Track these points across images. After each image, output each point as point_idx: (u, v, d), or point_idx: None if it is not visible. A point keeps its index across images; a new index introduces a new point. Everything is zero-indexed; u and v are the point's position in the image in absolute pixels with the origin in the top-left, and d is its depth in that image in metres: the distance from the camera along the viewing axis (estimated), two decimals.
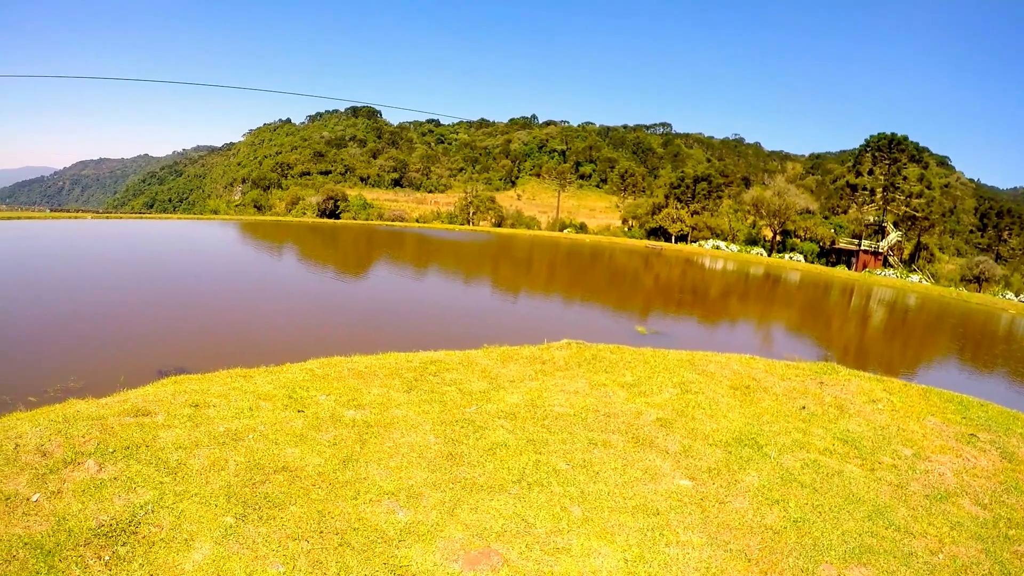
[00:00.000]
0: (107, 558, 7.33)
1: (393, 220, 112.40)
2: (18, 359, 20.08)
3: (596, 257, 69.83)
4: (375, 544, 7.53)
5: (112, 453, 9.60)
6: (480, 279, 46.42)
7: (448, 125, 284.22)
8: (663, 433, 11.27)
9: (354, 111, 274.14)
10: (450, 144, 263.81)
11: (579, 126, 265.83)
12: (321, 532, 7.65)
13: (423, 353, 15.23)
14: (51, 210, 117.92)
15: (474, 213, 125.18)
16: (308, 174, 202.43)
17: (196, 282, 35.81)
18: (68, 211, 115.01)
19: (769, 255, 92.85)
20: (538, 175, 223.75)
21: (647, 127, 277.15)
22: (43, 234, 58.47)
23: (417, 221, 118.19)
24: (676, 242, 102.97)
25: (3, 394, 16.04)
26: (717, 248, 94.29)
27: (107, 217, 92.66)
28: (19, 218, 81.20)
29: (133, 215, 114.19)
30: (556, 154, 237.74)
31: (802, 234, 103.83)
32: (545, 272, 55.06)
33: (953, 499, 10.03)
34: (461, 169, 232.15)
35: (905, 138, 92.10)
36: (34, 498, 8.58)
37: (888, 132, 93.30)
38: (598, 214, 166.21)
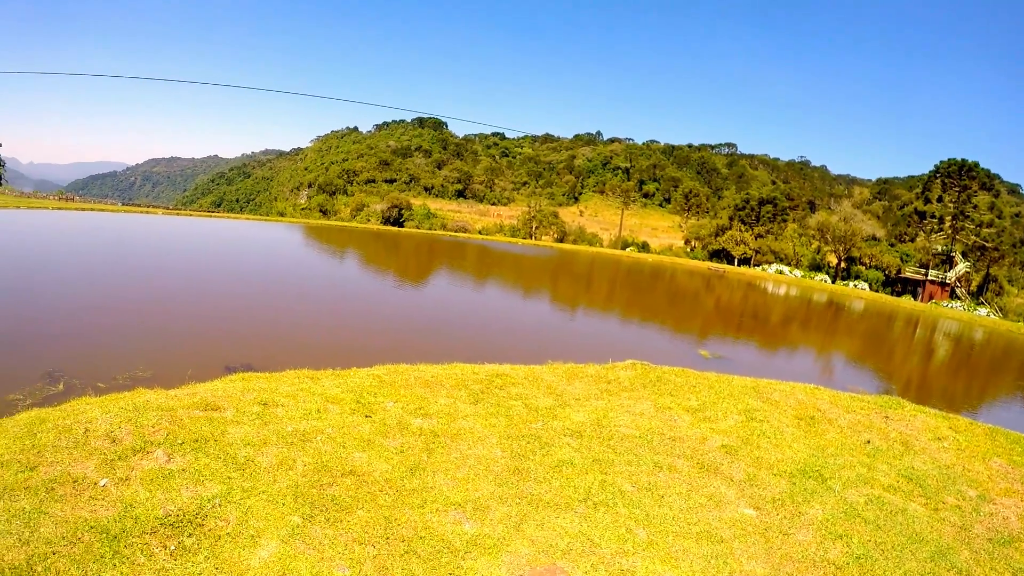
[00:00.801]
0: (172, 548, 7.38)
1: (457, 231, 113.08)
2: (88, 345, 20.62)
3: (657, 277, 69.30)
4: (441, 554, 7.47)
5: (181, 445, 9.75)
6: (541, 293, 46.32)
7: (513, 139, 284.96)
8: (728, 460, 11.09)
9: (420, 122, 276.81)
10: (514, 158, 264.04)
11: (643, 144, 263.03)
12: (387, 538, 7.63)
13: (489, 366, 15.24)
14: (123, 204, 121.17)
15: (537, 227, 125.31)
16: (373, 182, 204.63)
17: (263, 282, 36.46)
18: (139, 206, 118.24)
19: (833, 282, 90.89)
20: (601, 192, 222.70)
21: (712, 147, 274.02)
22: (118, 226, 60.29)
23: (480, 233, 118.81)
24: (739, 265, 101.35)
25: (73, 378, 16.49)
26: (780, 273, 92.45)
27: (177, 214, 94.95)
28: (92, 210, 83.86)
29: (203, 213, 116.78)
30: (620, 171, 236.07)
31: (867, 261, 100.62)
32: (605, 289, 54.77)
33: (1017, 544, 9.65)
34: (524, 183, 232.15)
35: (976, 164, 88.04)
36: (102, 483, 8.74)
37: (959, 158, 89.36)
38: (660, 233, 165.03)
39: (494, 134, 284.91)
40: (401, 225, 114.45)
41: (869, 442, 13.07)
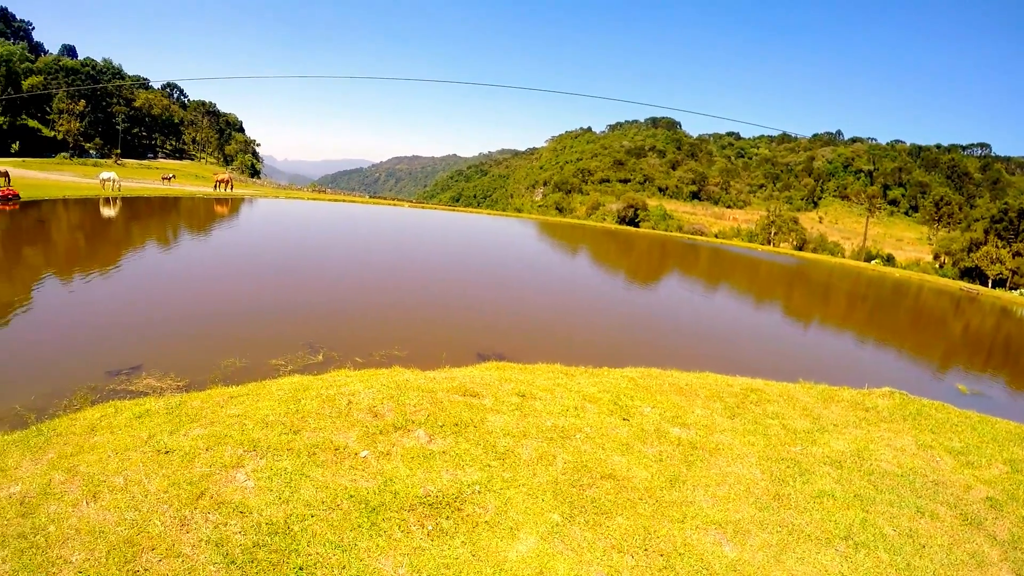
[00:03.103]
0: (430, 528, 7.61)
1: (693, 233, 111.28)
2: (346, 321, 22.21)
3: (901, 294, 64.46)
4: (700, 574, 7.27)
5: (441, 427, 10.11)
6: (780, 303, 44.71)
7: (748, 139, 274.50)
8: (992, 515, 10.11)
9: (653, 121, 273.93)
10: (750, 159, 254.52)
11: (887, 144, 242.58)
12: (646, 550, 7.51)
13: (742, 379, 14.84)
14: (370, 196, 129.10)
15: (775, 233, 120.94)
16: (607, 181, 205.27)
17: (506, 273, 37.95)
18: (385, 198, 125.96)
19: None
20: (842, 197, 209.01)
21: (963, 147, 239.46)
22: (371, 216, 64.63)
23: (716, 236, 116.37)
24: (993, 287, 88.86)
25: (332, 350, 17.76)
26: None
27: (422, 207, 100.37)
28: (344, 200, 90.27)
29: (445, 207, 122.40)
30: (862, 175, 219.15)
31: None
32: (844, 304, 51.94)
33: None
34: (761, 186, 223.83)
35: None
36: (363, 454, 9.25)
37: None
38: (905, 245, 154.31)
39: (729, 134, 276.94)
40: (636, 225, 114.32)
41: None
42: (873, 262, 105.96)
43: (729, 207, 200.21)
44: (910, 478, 10.79)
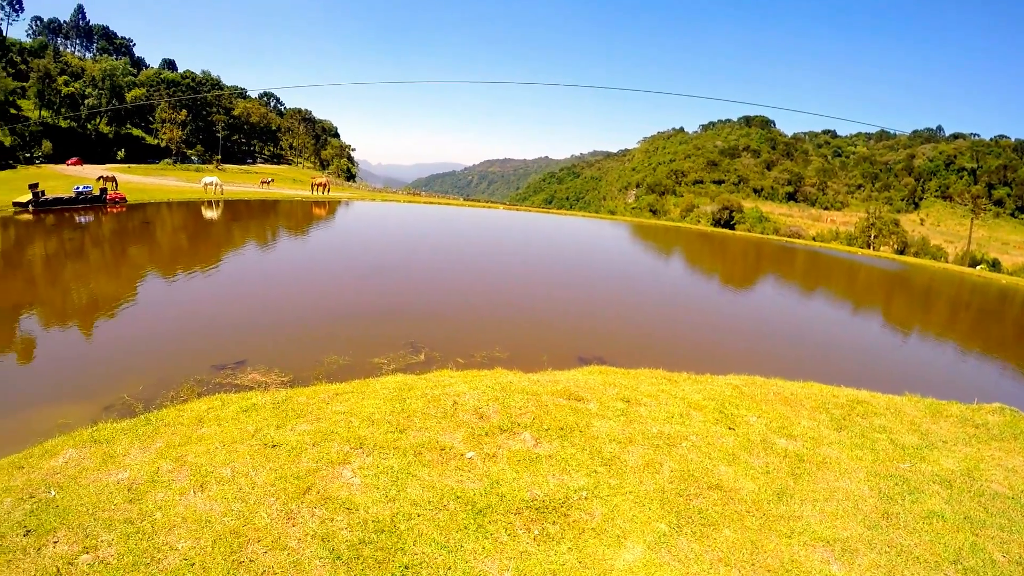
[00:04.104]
0: (536, 532, 7.65)
1: (791, 236, 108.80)
2: (447, 321, 22.65)
3: (1007, 302, 61.14)
4: None
5: (547, 431, 10.22)
6: (880, 310, 43.32)
7: (845, 136, 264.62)
8: None
9: (747, 120, 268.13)
10: (847, 158, 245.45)
11: (991, 140, 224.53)
12: (753, 564, 7.44)
13: (847, 389, 14.53)
14: (464, 199, 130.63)
15: (875, 237, 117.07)
16: (701, 182, 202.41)
17: (601, 275, 38.14)
18: (479, 201, 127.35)
19: None
20: (944, 197, 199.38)
21: None
22: (467, 218, 65.35)
23: (814, 240, 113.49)
24: None
25: (433, 350, 18.13)
26: None
27: (516, 209, 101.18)
28: (438, 203, 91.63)
29: (539, 209, 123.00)
30: (965, 173, 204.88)
31: None
32: (947, 312, 49.89)
33: None
34: (859, 186, 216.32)
35: None
36: (468, 455, 9.40)
37: None
38: (1012, 249, 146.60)
39: (825, 132, 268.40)
40: (732, 227, 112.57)
41: None
42: (978, 268, 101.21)
43: (826, 208, 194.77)
44: (1022, 501, 10.43)
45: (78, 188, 55.31)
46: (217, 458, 9.06)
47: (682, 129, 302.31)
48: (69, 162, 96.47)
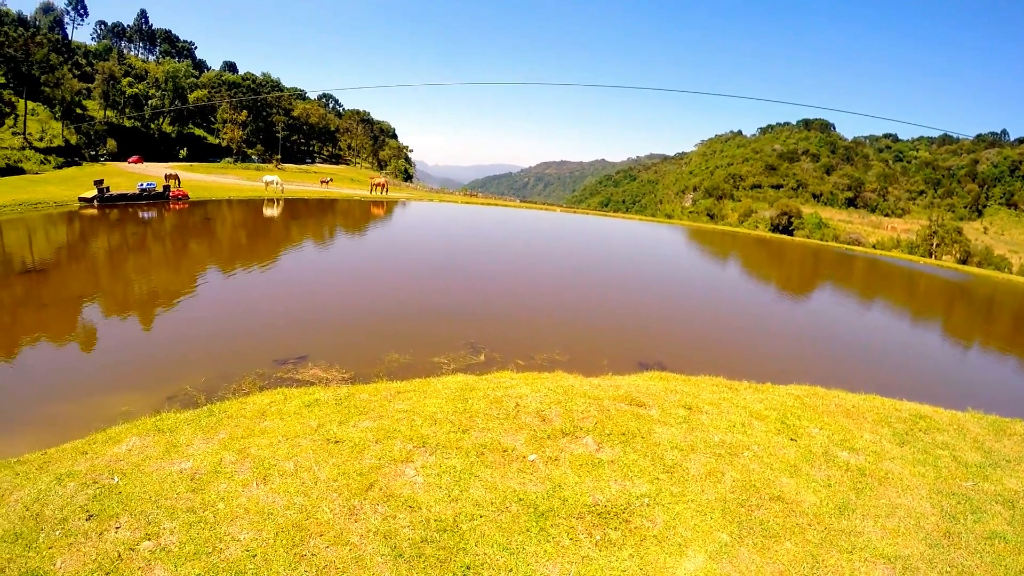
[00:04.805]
0: (598, 538, 7.70)
1: (850, 244, 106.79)
2: (507, 322, 22.89)
3: None
4: None
5: (609, 436, 10.31)
6: (940, 322, 42.44)
7: (906, 140, 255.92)
8: None
9: (806, 123, 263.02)
10: (908, 162, 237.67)
11: None
12: None
13: (909, 404, 14.31)
14: (520, 200, 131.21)
15: (937, 245, 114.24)
16: (759, 187, 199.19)
17: (661, 280, 38.07)
18: (535, 203, 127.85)
19: None
20: (1009, 204, 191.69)
21: None
22: (526, 220, 65.60)
23: (874, 247, 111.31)
24: None
25: (493, 351, 18.31)
26: None
27: (573, 211, 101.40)
28: (495, 204, 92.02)
29: (595, 212, 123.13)
30: None
31: None
32: (1010, 325, 48.50)
33: None
34: (921, 192, 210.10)
35: None
36: (531, 458, 9.51)
37: None
38: None
39: (886, 136, 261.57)
40: (790, 233, 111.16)
41: None
42: None
43: (887, 215, 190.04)
44: None
45: (142, 185, 57.10)
46: (280, 451, 9.33)
47: (740, 132, 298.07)
48: (130, 160, 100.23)
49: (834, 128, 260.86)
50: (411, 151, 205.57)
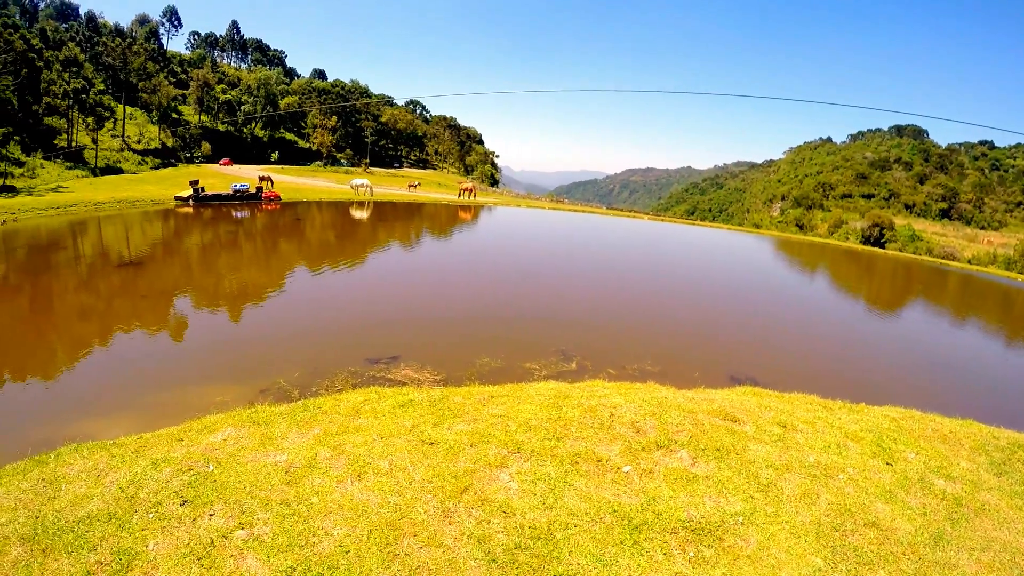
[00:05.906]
0: (691, 554, 7.74)
1: (944, 258, 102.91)
2: (599, 331, 23.03)
3: None
4: None
5: (703, 451, 10.38)
6: None
7: (1004, 148, 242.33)
8: None
9: (898, 130, 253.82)
10: (1006, 171, 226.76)
11: None
12: None
13: (1007, 432, 13.84)
14: (607, 207, 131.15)
15: None
16: (850, 196, 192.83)
17: (747, 291, 37.70)
18: (621, 210, 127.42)
19: None
20: None
21: None
22: (612, 227, 65.72)
23: (969, 262, 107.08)
24: None
25: (584, 359, 18.49)
26: None
27: (660, 219, 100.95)
28: (583, 211, 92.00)
29: (682, 220, 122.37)
30: None
31: None
32: None
33: None
34: (1019, 204, 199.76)
35: None
36: (625, 469, 9.62)
37: None
38: None
39: (982, 143, 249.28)
40: (882, 246, 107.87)
41: None
42: None
43: (983, 228, 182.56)
44: None
45: (235, 186, 59.57)
46: (375, 450, 9.66)
47: (829, 139, 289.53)
48: (221, 162, 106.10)
49: (927, 135, 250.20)
50: (497, 156, 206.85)
